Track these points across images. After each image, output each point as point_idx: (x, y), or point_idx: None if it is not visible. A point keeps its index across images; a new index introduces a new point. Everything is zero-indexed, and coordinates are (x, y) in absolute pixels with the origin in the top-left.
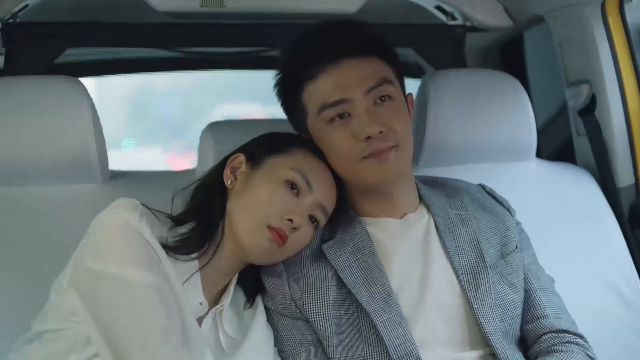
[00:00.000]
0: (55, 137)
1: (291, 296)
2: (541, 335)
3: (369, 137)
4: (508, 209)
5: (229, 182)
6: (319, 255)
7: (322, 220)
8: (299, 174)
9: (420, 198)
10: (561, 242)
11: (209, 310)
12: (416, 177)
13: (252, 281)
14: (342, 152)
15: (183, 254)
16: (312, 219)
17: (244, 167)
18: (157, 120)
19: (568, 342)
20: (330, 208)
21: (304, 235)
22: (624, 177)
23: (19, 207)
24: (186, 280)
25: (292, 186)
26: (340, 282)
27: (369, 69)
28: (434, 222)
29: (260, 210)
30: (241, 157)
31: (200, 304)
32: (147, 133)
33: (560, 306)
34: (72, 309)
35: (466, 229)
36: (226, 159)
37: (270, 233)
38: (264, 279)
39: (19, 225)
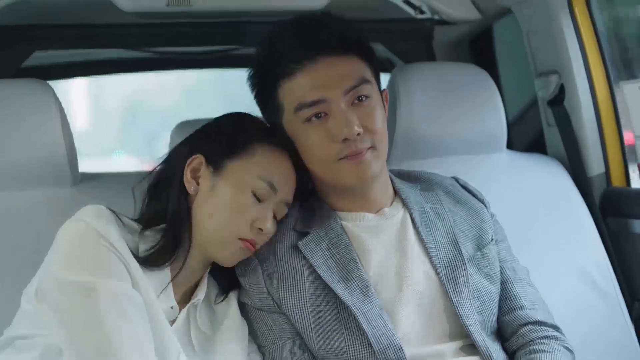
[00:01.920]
0: (24, 141)
1: (267, 291)
2: (518, 327)
3: (346, 139)
4: (482, 201)
5: (192, 188)
6: (295, 250)
7: (284, 213)
8: (265, 183)
9: (396, 192)
10: (534, 232)
11: (182, 307)
12: (390, 170)
13: (225, 273)
14: (319, 153)
15: (155, 266)
16: (274, 215)
17: (204, 170)
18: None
19: (546, 337)
20: (291, 200)
21: (270, 233)
22: (594, 166)
23: None
24: (162, 291)
25: (259, 195)
26: (317, 276)
27: (348, 68)
28: (410, 216)
29: (230, 223)
30: (200, 159)
31: (172, 307)
32: (138, 143)
33: (536, 297)
34: (43, 317)
35: (442, 222)
36: (178, 152)
37: (242, 243)
38: (239, 276)
39: None
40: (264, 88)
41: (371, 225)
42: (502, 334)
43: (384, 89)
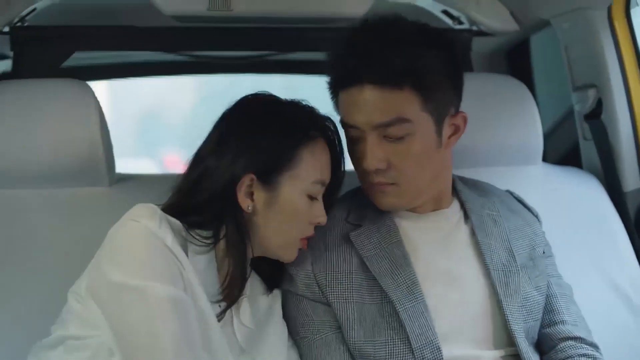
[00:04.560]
0: (63, 140)
1: (314, 277)
2: (558, 342)
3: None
4: (536, 216)
5: (249, 207)
6: (345, 241)
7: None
8: (318, 184)
9: (456, 194)
10: (568, 246)
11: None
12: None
13: (270, 267)
14: (356, 169)
15: (231, 298)
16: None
17: (256, 187)
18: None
19: (585, 355)
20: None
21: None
22: (631, 181)
23: (26, 209)
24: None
25: (314, 194)
26: (364, 268)
27: (385, 104)
28: (467, 218)
29: (293, 229)
30: (252, 177)
31: (220, 305)
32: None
33: (578, 315)
34: (94, 318)
35: (498, 229)
36: (219, 164)
37: (301, 243)
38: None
39: (25, 227)
40: (331, 89)
41: (425, 224)
42: (540, 346)
43: (460, 112)
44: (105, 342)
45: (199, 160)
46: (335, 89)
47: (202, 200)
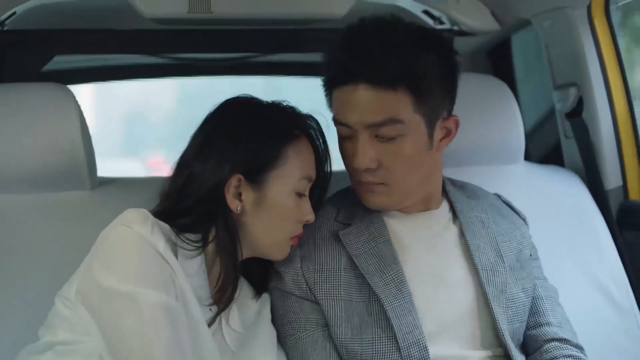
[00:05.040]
0: (44, 144)
1: (302, 274)
2: (543, 343)
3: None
4: (524, 220)
5: (237, 208)
6: (334, 239)
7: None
8: (305, 180)
9: (446, 195)
10: (550, 245)
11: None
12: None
13: (258, 268)
14: (346, 167)
15: (224, 300)
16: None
17: (244, 187)
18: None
19: (570, 356)
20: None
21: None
22: (612, 179)
23: (6, 213)
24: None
25: (301, 191)
26: (353, 266)
27: (379, 103)
28: (457, 219)
29: (284, 228)
30: (239, 177)
31: (210, 309)
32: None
33: (564, 316)
34: (84, 323)
35: (486, 231)
36: (206, 165)
37: (292, 241)
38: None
39: (8, 232)
40: (325, 87)
41: (414, 224)
42: (525, 348)
43: (452, 116)
44: (96, 348)
45: (184, 165)
46: (330, 87)
47: (191, 203)
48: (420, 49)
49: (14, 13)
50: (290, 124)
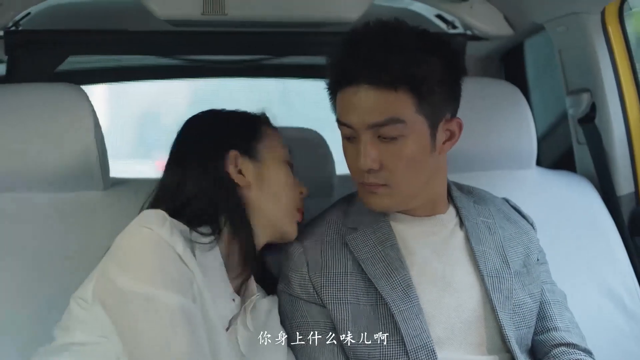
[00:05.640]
0: (57, 145)
1: (309, 278)
2: (551, 348)
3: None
4: (532, 224)
5: (244, 181)
6: (341, 244)
7: None
8: (287, 149)
9: (452, 200)
10: (562, 250)
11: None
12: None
13: (264, 270)
14: (350, 168)
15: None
16: None
17: (243, 162)
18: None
19: (577, 359)
20: None
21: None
22: (624, 185)
23: (21, 213)
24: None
25: (289, 161)
26: (360, 269)
27: (380, 104)
28: (462, 224)
29: (290, 197)
30: (236, 153)
31: (234, 300)
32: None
33: (572, 321)
34: (100, 324)
35: (492, 237)
36: (199, 151)
37: (298, 214)
38: (283, 262)
39: (20, 231)
40: (329, 89)
41: (421, 229)
42: (534, 353)
43: (455, 118)
44: (112, 350)
45: (178, 162)
46: (334, 90)
47: (196, 193)
48: (423, 52)
49: (29, 13)
50: (253, 115)
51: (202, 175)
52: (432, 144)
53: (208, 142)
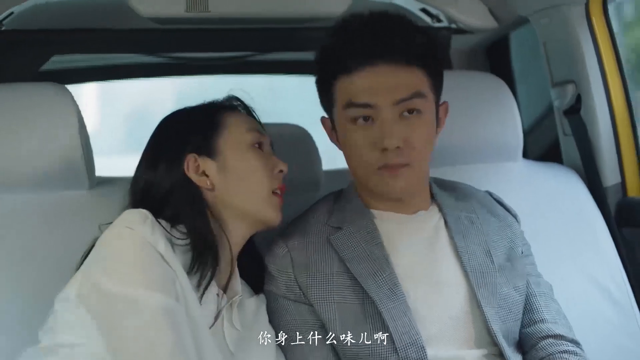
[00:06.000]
0: (41, 144)
1: (295, 278)
2: (538, 340)
3: (385, 149)
4: (515, 216)
5: (208, 183)
6: (326, 243)
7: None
8: (253, 131)
9: (433, 197)
10: (549, 242)
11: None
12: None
13: (252, 267)
14: (360, 157)
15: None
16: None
17: (202, 162)
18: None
19: (566, 351)
20: None
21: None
22: (610, 176)
23: (4, 213)
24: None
25: (259, 145)
26: (346, 269)
27: (404, 79)
28: (445, 221)
29: (259, 184)
30: (194, 156)
31: (217, 295)
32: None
33: (558, 312)
34: (85, 326)
35: (475, 231)
36: (159, 159)
37: (277, 197)
38: (268, 262)
39: (6, 232)
40: (324, 77)
41: (405, 226)
42: (521, 346)
43: (444, 102)
44: (97, 351)
45: (148, 164)
46: (334, 76)
47: (165, 195)
48: (420, 33)
49: (12, 13)
50: (217, 105)
51: (168, 178)
52: (435, 124)
53: (170, 146)
